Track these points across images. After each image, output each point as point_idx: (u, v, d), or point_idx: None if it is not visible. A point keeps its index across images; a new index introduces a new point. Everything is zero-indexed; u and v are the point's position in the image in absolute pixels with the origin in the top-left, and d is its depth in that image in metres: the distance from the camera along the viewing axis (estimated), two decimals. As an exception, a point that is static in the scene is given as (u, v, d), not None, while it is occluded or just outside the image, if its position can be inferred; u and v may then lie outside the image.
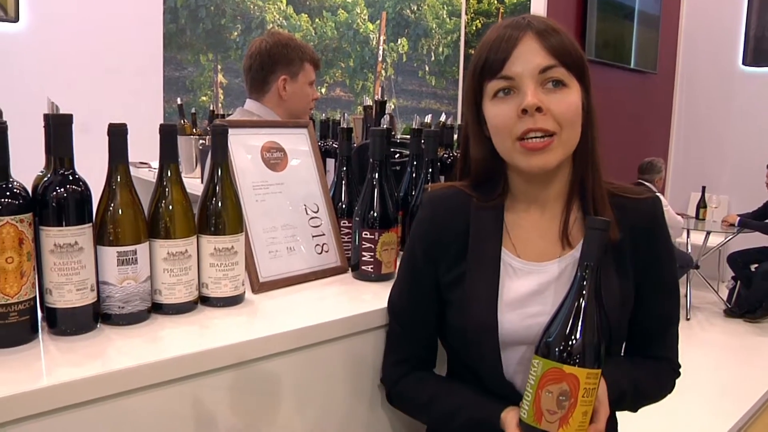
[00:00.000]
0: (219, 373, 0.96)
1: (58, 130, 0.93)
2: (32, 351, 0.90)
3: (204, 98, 4.73)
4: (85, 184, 0.95)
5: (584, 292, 0.89)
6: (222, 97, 4.87)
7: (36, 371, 0.84)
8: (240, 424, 1.00)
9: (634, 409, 1.07)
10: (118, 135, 0.98)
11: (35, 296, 0.92)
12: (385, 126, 1.58)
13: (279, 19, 5.23)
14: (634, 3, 5.14)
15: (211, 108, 3.85)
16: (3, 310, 0.88)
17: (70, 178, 0.93)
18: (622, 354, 1.11)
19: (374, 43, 5.93)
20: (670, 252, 1.08)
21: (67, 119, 0.94)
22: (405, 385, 1.12)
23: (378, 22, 5.93)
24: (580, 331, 0.88)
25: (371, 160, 1.31)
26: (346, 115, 1.44)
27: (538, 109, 0.93)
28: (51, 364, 0.86)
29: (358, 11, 5.79)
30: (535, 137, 0.94)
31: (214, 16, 4.82)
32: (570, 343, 0.87)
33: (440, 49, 6.42)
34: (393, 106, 5.90)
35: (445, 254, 1.05)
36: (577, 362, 0.86)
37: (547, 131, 0.94)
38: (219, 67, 4.88)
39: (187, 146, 2.94)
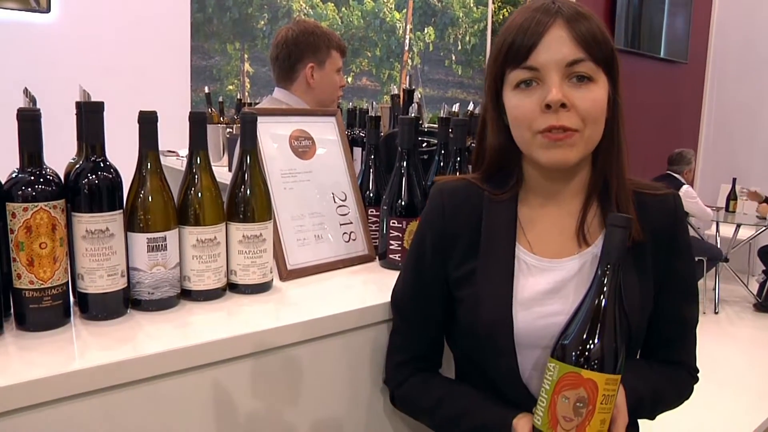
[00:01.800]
0: (246, 359, 0.96)
1: (90, 117, 0.94)
2: (65, 335, 0.91)
3: (231, 87, 4.75)
4: (116, 171, 0.95)
5: (605, 291, 0.84)
6: (249, 86, 4.88)
7: (68, 355, 0.85)
8: (265, 411, 1.01)
9: (652, 416, 1.03)
10: (148, 122, 0.99)
11: (68, 281, 0.94)
12: (413, 115, 1.57)
13: (305, 8, 5.23)
14: (666, -9, 5.05)
15: (238, 97, 3.87)
16: (37, 295, 0.90)
17: (102, 165, 0.94)
18: (638, 357, 1.06)
19: (401, 32, 5.90)
20: (690, 252, 1.03)
21: (99, 107, 0.95)
22: (410, 387, 1.07)
23: (404, 11, 5.89)
24: (600, 333, 0.82)
25: (399, 148, 1.30)
26: (374, 103, 1.43)
27: (563, 105, 0.88)
28: (83, 348, 0.87)
29: (385, 0, 5.76)
30: (557, 132, 0.89)
31: (241, 5, 4.83)
32: (589, 346, 0.82)
33: (467, 38, 6.37)
34: (420, 95, 5.87)
35: (454, 249, 1.01)
36: (596, 367, 0.81)
37: (569, 129, 0.89)
38: (246, 56, 4.90)
39: (214, 135, 2.95)
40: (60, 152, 1.10)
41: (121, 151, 1.15)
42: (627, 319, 0.87)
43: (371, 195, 1.41)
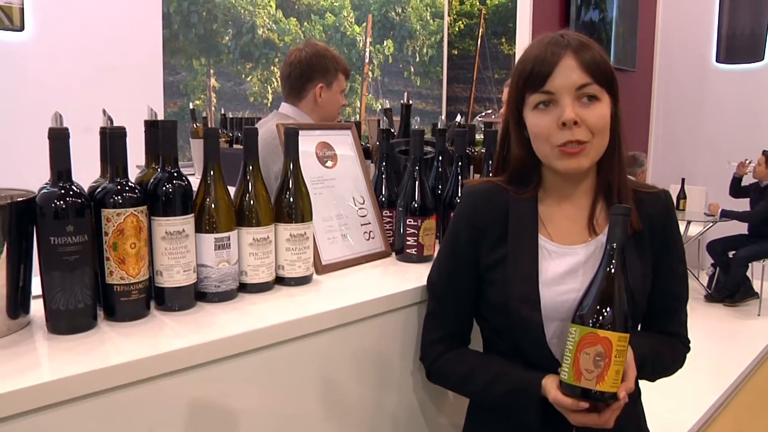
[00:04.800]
0: (305, 339, 1.12)
1: (165, 133, 1.09)
2: (152, 324, 1.05)
3: (198, 102, 4.84)
4: (187, 180, 1.10)
5: (612, 267, 1.03)
6: (215, 100, 4.99)
7: (164, 339, 0.99)
8: (321, 383, 1.17)
9: (653, 378, 1.21)
10: (212, 138, 1.14)
11: (150, 277, 1.08)
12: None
13: (269, 23, 5.37)
14: (614, 3, 5.37)
15: (222, 112, 3.94)
16: (126, 289, 1.03)
17: (176, 174, 1.09)
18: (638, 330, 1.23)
19: (361, 45, 6.09)
20: (680, 239, 1.23)
21: (172, 125, 1.09)
22: (445, 362, 1.23)
23: (364, 24, 6.08)
24: (610, 300, 1.01)
25: (412, 156, 1.47)
26: (384, 118, 1.61)
27: (575, 122, 1.07)
28: (172, 334, 1.01)
29: (345, 14, 5.94)
30: (572, 145, 1.09)
31: (206, 21, 4.93)
32: (602, 311, 1.01)
33: (424, 50, 6.61)
34: (381, 106, 6.06)
35: (486, 239, 1.19)
36: (609, 327, 0.99)
37: (582, 141, 1.09)
38: (211, 71, 5.00)
39: (198, 148, 3.07)
40: (35, 169, 1.19)
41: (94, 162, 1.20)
42: (631, 290, 1.05)
43: (383, 198, 1.58)
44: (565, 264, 1.15)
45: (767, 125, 5.88)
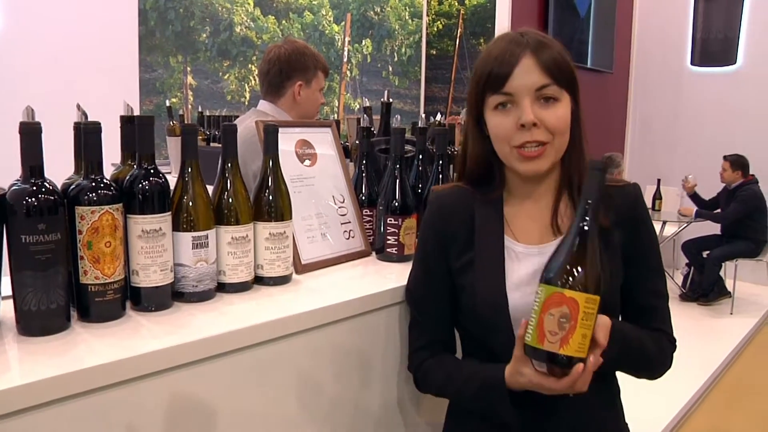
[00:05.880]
0: (284, 339, 1.10)
1: (142, 130, 1.06)
2: (127, 325, 1.02)
3: (174, 100, 4.78)
4: (164, 177, 1.07)
5: (585, 224, 0.97)
6: (191, 98, 4.93)
7: (140, 340, 0.96)
8: (297, 383, 1.15)
9: (636, 371, 1.18)
10: (190, 134, 1.11)
11: (125, 277, 1.05)
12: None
13: (246, 20, 5.32)
14: (591, 5, 5.41)
15: (199, 110, 3.90)
16: (101, 289, 1.01)
17: (152, 171, 1.06)
18: None
19: (339, 44, 6.06)
20: (652, 233, 1.21)
21: (150, 120, 1.07)
22: (427, 369, 1.23)
23: (343, 23, 6.06)
24: (580, 259, 0.95)
25: (393, 155, 1.46)
26: (364, 116, 1.59)
27: (534, 124, 1.07)
28: (148, 335, 0.99)
29: (324, 13, 5.91)
30: (531, 147, 1.08)
31: (183, 18, 4.87)
32: (570, 269, 0.95)
33: (403, 50, 6.60)
34: (360, 105, 6.04)
35: (453, 243, 1.18)
36: (577, 287, 0.94)
37: (541, 142, 1.08)
38: (188, 69, 4.94)
39: (175, 146, 3.03)
40: (6, 165, 1.17)
41: (68, 160, 1.18)
42: (607, 258, 1.01)
43: (363, 197, 1.56)
44: (534, 264, 1.14)
45: (740, 127, 5.98)
